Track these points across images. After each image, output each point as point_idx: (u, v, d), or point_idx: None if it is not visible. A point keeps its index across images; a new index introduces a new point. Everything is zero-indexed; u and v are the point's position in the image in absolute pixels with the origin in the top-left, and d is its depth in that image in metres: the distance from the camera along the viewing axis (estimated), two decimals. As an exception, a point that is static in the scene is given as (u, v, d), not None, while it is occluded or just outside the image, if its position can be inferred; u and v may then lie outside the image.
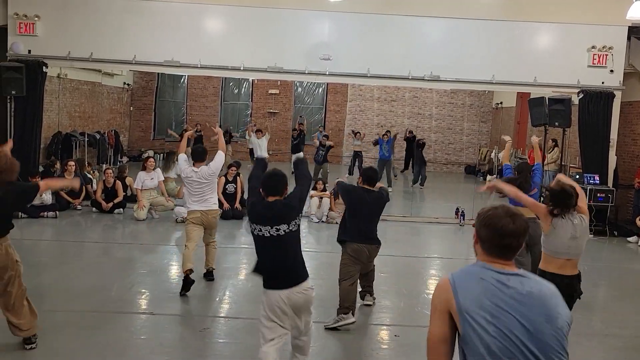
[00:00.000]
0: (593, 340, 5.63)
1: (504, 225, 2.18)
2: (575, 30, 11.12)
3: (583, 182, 10.99)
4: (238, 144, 19.24)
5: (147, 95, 21.12)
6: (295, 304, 3.84)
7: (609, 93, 11.10)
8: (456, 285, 2.16)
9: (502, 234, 2.18)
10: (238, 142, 19.44)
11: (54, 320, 5.29)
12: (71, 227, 9.82)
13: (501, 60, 11.20)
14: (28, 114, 10.82)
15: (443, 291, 2.19)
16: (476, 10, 10.84)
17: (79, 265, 7.35)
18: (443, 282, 2.22)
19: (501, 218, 2.20)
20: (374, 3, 11.07)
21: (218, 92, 21.38)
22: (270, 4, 11.00)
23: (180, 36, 11.09)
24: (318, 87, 21.19)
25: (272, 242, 3.86)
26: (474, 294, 2.13)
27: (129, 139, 20.67)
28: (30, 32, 10.84)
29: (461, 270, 2.24)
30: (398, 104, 21.14)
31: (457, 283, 2.17)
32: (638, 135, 12.36)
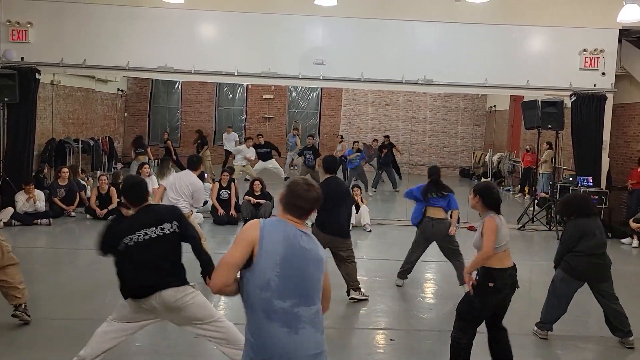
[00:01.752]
0: (589, 342, 5.65)
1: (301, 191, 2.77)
2: (567, 34, 11.20)
3: (577, 184, 11.05)
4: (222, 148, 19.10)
5: (141, 101, 21.10)
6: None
7: (601, 95, 11.17)
8: (264, 229, 2.71)
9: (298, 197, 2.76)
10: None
11: (48, 327, 5.27)
12: (65, 234, 9.78)
13: (494, 63, 11.27)
14: (21, 121, 10.79)
15: (253, 229, 2.71)
16: (469, 14, 10.90)
17: (73, 272, 7.32)
18: (255, 222, 2.76)
19: (300, 185, 2.79)
20: (367, 8, 11.12)
21: (212, 98, 21.38)
22: (264, 9, 11.03)
23: (173, 42, 11.10)
24: (312, 92, 21.23)
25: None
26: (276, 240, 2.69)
27: (123, 145, 20.61)
28: (23, 39, 10.82)
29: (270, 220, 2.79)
30: (392, 108, 21.20)
31: (265, 228, 2.71)
32: (630, 138, 12.44)
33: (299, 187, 2.77)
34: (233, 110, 21.53)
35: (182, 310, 3.97)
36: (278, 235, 2.68)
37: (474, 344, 4.51)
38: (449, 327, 5.89)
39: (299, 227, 2.75)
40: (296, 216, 2.76)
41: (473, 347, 4.50)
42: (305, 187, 2.77)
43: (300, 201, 2.74)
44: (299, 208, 2.75)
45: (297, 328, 2.64)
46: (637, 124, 12.26)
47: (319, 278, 2.75)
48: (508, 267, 4.40)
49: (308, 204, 2.76)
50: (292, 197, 2.76)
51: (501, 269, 4.35)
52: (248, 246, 2.66)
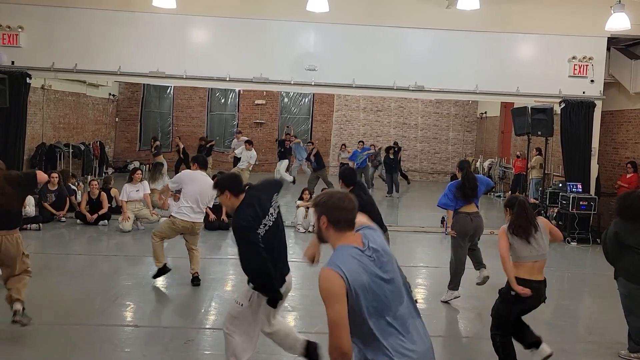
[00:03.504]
0: (578, 346, 5.69)
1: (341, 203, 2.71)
2: (556, 41, 11.32)
3: (566, 191, 11.13)
4: (224, 154, 19.16)
5: (132, 106, 21.05)
6: None
7: (590, 102, 11.28)
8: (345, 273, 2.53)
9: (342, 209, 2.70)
10: (225, 152, 19.39)
11: (37, 333, 5.23)
12: (55, 239, 9.72)
13: (484, 70, 11.36)
14: (11, 126, 10.74)
15: (336, 280, 2.52)
16: (460, 21, 10.99)
17: (63, 278, 7.27)
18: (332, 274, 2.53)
19: (338, 199, 2.73)
20: (359, 14, 11.18)
21: (204, 103, 21.37)
22: (256, 15, 11.06)
23: (165, 47, 11.10)
24: (304, 98, 21.28)
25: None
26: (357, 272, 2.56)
27: (115, 150, 20.55)
28: (14, 43, 10.78)
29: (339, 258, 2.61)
30: (384, 114, 21.29)
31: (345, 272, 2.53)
32: (619, 144, 12.57)
33: (338, 201, 2.72)
34: (225, 116, 21.53)
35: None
36: (356, 267, 2.57)
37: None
38: (441, 332, 5.93)
39: (357, 244, 2.66)
40: (349, 229, 2.70)
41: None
42: (341, 197, 2.75)
43: (342, 213, 2.69)
44: (347, 221, 2.70)
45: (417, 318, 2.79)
46: (625, 130, 12.39)
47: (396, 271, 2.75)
48: (534, 280, 4.55)
49: (348, 214, 2.71)
50: (338, 212, 2.69)
51: (524, 280, 4.53)
52: (342, 297, 2.53)
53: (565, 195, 11.00)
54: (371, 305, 2.56)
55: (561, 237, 4.96)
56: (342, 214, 2.69)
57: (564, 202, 11.02)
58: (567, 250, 10.49)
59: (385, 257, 2.68)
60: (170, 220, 6.84)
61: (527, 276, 4.54)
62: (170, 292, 6.92)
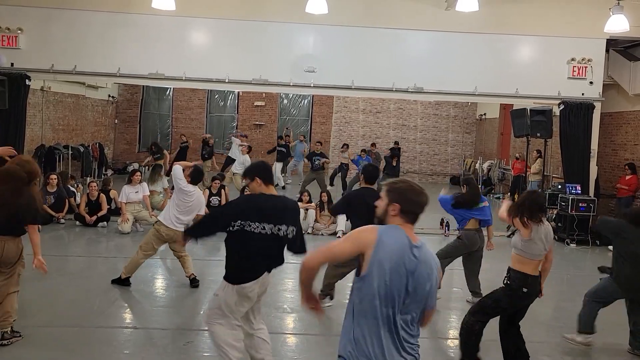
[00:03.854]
0: (577, 348, 5.68)
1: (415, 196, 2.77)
2: (555, 43, 11.33)
3: (565, 192, 11.14)
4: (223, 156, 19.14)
5: (132, 107, 21.05)
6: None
7: (589, 104, 11.29)
8: (382, 236, 2.66)
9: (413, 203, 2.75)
10: (224, 154, 19.36)
11: (36, 335, 5.23)
12: (54, 240, 9.70)
13: (484, 72, 11.37)
14: (11, 127, 10.74)
15: (370, 232, 2.68)
16: (459, 23, 11.01)
17: (62, 279, 7.26)
18: (372, 228, 2.71)
19: (415, 190, 2.78)
20: (358, 16, 11.19)
21: (204, 105, 21.38)
22: (255, 16, 11.07)
23: (165, 49, 11.10)
24: (303, 99, 21.29)
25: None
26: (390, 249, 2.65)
27: (114, 151, 20.55)
28: (13, 45, 10.78)
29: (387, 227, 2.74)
30: (383, 115, 21.30)
31: (382, 235, 2.66)
32: (618, 146, 12.58)
33: (416, 193, 2.76)
34: (224, 117, 21.53)
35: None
36: (393, 245, 2.66)
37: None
38: (437, 334, 5.93)
39: (412, 238, 2.72)
40: (411, 222, 2.76)
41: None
42: (419, 191, 2.78)
43: (415, 207, 2.75)
44: (413, 214, 2.75)
45: (397, 334, 2.68)
46: (624, 132, 12.41)
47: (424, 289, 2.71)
48: (537, 276, 4.74)
49: (420, 209, 2.77)
50: (412, 205, 2.74)
51: (534, 277, 4.69)
52: (359, 247, 2.67)
53: (564, 197, 11.00)
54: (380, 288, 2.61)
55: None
56: (415, 208, 2.74)
57: (563, 204, 11.02)
58: (567, 251, 10.48)
59: (425, 272, 2.68)
60: (155, 229, 6.81)
61: (533, 272, 4.68)
62: (169, 294, 6.92)
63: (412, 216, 2.75)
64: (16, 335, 5.04)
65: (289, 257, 4.24)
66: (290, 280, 7.45)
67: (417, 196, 2.75)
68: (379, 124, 21.33)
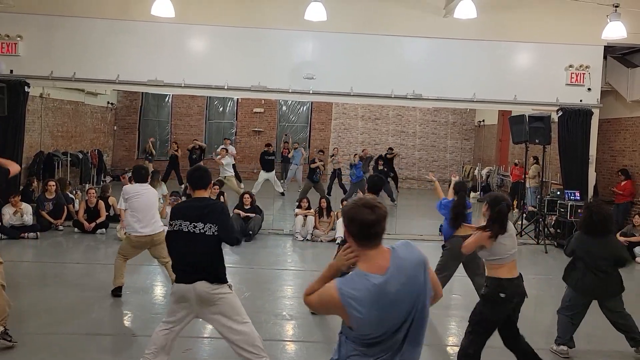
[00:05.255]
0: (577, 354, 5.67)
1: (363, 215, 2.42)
2: (553, 50, 11.38)
3: (564, 198, 11.15)
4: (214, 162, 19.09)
5: (131, 114, 21.06)
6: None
7: (587, 111, 11.32)
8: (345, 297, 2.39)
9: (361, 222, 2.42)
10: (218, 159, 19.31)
11: (34, 342, 5.21)
12: (52, 248, 9.69)
13: (482, 79, 11.41)
14: (9, 134, 10.75)
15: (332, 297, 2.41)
16: (457, 30, 11.05)
17: (60, 287, 7.24)
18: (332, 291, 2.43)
19: (360, 209, 2.43)
20: (356, 23, 11.23)
21: (203, 111, 21.40)
22: (254, 23, 11.11)
23: (164, 55, 11.13)
24: (302, 106, 21.32)
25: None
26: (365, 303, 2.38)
27: (113, 158, 20.54)
28: (13, 52, 10.81)
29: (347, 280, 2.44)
30: (382, 122, 21.33)
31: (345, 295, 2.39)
32: (616, 152, 12.61)
33: (358, 209, 2.42)
34: (223, 124, 21.55)
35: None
36: (365, 299, 2.36)
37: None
38: (436, 340, 5.92)
39: (381, 269, 2.39)
40: (372, 245, 2.44)
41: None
42: (364, 204, 2.44)
43: (364, 225, 2.41)
44: (368, 235, 2.42)
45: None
46: (622, 138, 12.44)
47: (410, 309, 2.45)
48: (515, 277, 4.54)
49: (374, 227, 2.42)
50: (357, 224, 2.42)
51: (509, 279, 4.50)
52: (330, 311, 2.48)
53: (563, 203, 11.01)
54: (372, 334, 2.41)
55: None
56: (362, 227, 2.40)
57: (562, 210, 11.03)
58: (565, 258, 10.45)
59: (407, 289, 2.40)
60: (126, 238, 6.83)
61: (507, 275, 4.49)
62: (168, 300, 6.88)
63: (364, 237, 2.42)
64: (7, 339, 4.96)
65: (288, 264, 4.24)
66: (289, 287, 7.44)
67: (360, 211, 2.40)
68: (378, 130, 21.36)
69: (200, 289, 3.97)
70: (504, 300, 4.47)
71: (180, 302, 4.07)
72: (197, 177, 4.23)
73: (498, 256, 4.49)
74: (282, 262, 8.75)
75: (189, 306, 4.06)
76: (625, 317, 5.48)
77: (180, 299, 4.06)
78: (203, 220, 4.01)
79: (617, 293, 5.45)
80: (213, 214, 4.05)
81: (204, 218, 4.02)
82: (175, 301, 4.11)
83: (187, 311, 4.10)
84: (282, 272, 8.20)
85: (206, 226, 4.01)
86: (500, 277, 4.48)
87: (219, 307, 4.02)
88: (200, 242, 4.00)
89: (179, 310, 4.10)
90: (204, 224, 4.01)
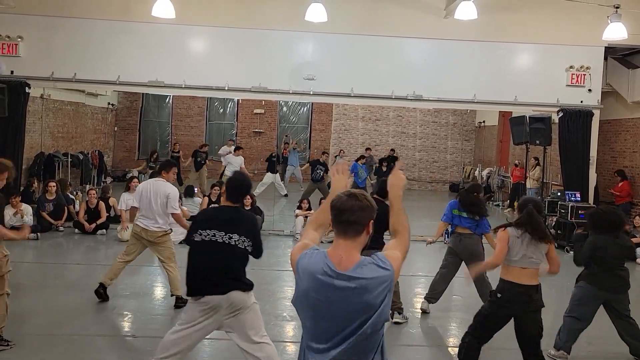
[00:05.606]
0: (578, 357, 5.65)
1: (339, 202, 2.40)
2: (553, 51, 11.38)
3: (564, 200, 11.14)
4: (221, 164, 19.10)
5: (131, 115, 21.07)
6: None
7: (587, 112, 11.32)
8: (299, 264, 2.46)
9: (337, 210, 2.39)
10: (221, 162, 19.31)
11: (34, 343, 5.20)
12: (53, 248, 9.69)
13: (482, 80, 11.41)
14: (10, 135, 10.76)
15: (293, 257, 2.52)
16: (457, 31, 11.05)
17: (61, 288, 7.24)
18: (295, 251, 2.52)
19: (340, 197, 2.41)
20: (357, 24, 11.24)
21: (203, 112, 21.39)
22: (255, 24, 11.11)
23: (164, 56, 11.13)
24: (303, 107, 21.31)
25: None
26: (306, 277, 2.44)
27: (113, 159, 20.55)
28: (13, 52, 10.82)
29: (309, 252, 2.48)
30: (382, 123, 21.33)
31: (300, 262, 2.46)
32: (617, 153, 12.60)
33: (337, 199, 2.41)
34: (224, 125, 21.55)
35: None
36: (307, 271, 2.38)
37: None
38: (438, 342, 5.91)
39: (340, 263, 2.34)
40: (342, 235, 2.38)
41: None
42: (343, 194, 2.41)
43: (337, 214, 2.37)
44: (339, 223, 2.37)
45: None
46: (623, 139, 12.43)
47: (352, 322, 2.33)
48: (520, 284, 4.43)
49: (344, 216, 2.35)
50: (333, 212, 2.41)
51: (512, 283, 4.45)
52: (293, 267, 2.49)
53: (563, 204, 11.00)
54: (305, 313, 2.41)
55: (556, 271, 4.80)
56: (335, 215, 2.38)
57: (562, 211, 11.02)
58: (566, 259, 10.44)
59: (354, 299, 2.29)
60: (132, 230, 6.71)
61: (511, 278, 4.47)
62: (168, 301, 6.88)
63: (336, 226, 2.38)
64: (3, 344, 4.94)
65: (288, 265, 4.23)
66: (289, 288, 7.43)
67: (337, 200, 2.40)
68: (378, 131, 21.36)
69: (235, 297, 3.96)
70: (500, 301, 4.47)
71: (208, 313, 3.98)
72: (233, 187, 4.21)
73: (509, 257, 4.52)
74: (282, 263, 8.77)
75: (216, 316, 3.98)
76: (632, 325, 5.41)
77: (210, 310, 3.97)
78: (238, 232, 4.00)
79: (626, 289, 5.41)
80: (247, 227, 4.06)
81: (239, 230, 4.01)
82: (201, 310, 3.99)
83: (209, 321, 4.00)
84: (283, 273, 8.19)
85: (241, 238, 4.01)
86: (503, 278, 4.53)
87: (247, 314, 4.03)
88: (235, 254, 3.99)
89: (199, 317, 4.00)
90: (239, 236, 4.00)
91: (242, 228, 4.01)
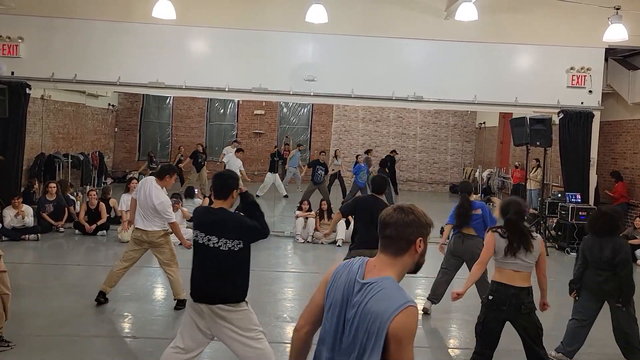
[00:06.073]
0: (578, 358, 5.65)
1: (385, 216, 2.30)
2: (554, 52, 11.38)
3: (565, 201, 11.14)
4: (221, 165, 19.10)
5: (132, 116, 21.08)
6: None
7: (588, 113, 11.32)
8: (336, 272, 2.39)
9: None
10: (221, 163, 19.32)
11: (35, 344, 5.20)
12: (53, 249, 9.68)
13: (483, 81, 11.41)
14: (10, 136, 10.76)
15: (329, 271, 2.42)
16: (458, 32, 11.06)
17: (61, 288, 7.23)
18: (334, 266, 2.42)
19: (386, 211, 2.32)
20: (357, 25, 11.24)
21: (204, 113, 21.41)
22: (255, 25, 11.12)
23: (165, 57, 11.14)
24: (303, 108, 21.33)
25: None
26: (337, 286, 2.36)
27: (114, 160, 20.56)
28: (14, 53, 10.83)
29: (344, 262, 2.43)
30: (383, 124, 21.33)
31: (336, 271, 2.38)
32: (617, 154, 12.60)
33: (387, 209, 2.31)
34: (224, 126, 21.56)
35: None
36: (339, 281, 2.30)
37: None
38: (437, 343, 5.91)
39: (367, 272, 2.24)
40: (386, 251, 2.27)
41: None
42: (391, 211, 2.29)
43: (385, 229, 2.27)
44: (385, 238, 2.27)
45: None
46: (624, 141, 12.43)
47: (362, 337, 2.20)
48: (514, 286, 4.38)
49: (382, 231, 2.27)
50: (379, 226, 2.30)
51: (502, 284, 4.40)
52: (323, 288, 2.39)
53: (564, 206, 10.99)
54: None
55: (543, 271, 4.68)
56: (379, 229, 2.28)
57: (563, 213, 11.01)
58: (567, 260, 10.45)
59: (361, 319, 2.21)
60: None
61: (500, 279, 4.43)
62: (168, 302, 6.88)
63: (382, 241, 2.27)
64: (3, 345, 4.95)
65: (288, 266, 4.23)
66: (290, 289, 7.43)
67: (384, 215, 2.30)
68: (379, 132, 21.36)
69: (218, 312, 3.80)
70: (492, 303, 4.42)
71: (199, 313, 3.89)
72: (217, 185, 3.96)
73: (498, 258, 4.49)
74: (282, 264, 8.74)
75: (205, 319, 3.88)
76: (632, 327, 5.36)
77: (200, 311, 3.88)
78: (225, 235, 3.75)
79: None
80: (232, 227, 3.79)
81: (225, 232, 3.76)
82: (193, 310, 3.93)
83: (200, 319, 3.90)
84: (283, 274, 8.19)
85: (220, 241, 3.76)
86: (494, 279, 4.48)
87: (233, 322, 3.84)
88: (225, 258, 3.76)
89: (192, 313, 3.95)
90: (219, 238, 3.76)
91: (227, 230, 3.77)
